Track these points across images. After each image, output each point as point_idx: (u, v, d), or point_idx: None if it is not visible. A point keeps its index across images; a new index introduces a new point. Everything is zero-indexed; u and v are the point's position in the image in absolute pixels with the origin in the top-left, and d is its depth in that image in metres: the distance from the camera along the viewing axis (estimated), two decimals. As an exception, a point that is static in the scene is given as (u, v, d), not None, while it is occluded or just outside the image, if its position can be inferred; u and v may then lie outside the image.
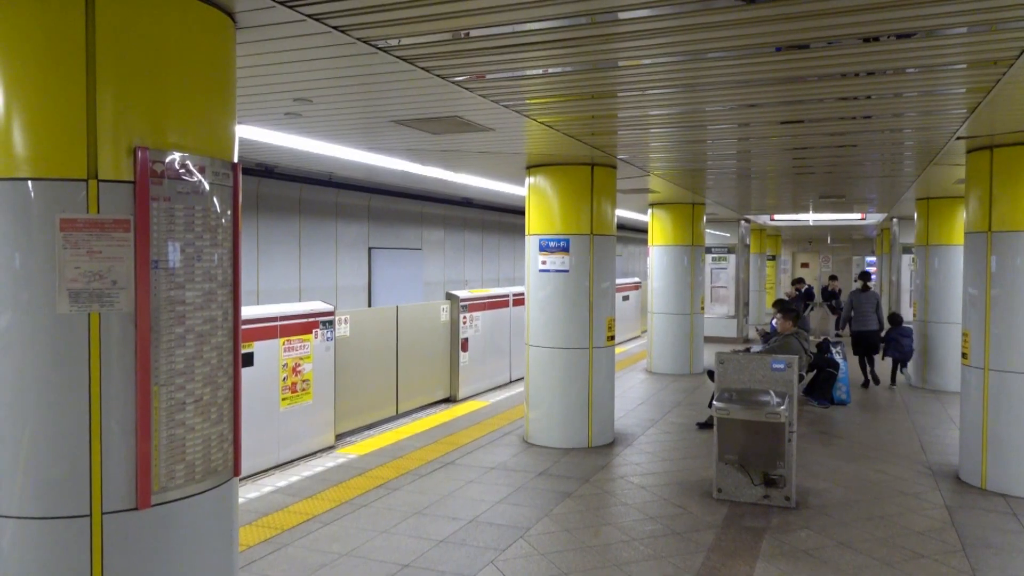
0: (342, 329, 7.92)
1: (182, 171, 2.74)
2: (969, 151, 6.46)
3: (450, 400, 9.96)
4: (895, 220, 15.41)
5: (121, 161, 2.63)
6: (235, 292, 2.99)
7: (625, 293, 16.75)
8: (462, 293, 10.31)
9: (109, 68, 2.62)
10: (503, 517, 5.36)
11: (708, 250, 16.39)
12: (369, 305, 12.23)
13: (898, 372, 11.44)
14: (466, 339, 10.14)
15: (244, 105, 4.98)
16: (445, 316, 9.97)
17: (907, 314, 14.38)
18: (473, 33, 3.52)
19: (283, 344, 6.98)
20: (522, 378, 7.78)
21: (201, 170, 2.81)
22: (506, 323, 11.20)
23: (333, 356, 7.60)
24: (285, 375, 7.02)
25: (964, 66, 4.01)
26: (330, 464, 6.66)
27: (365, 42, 3.60)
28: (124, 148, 2.63)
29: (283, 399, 7.01)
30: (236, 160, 3.10)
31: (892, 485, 6.23)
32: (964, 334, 6.47)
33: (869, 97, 4.80)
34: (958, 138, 6.05)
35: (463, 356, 10.05)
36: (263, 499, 5.71)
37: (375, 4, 3.11)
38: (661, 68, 4.17)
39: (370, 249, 12.50)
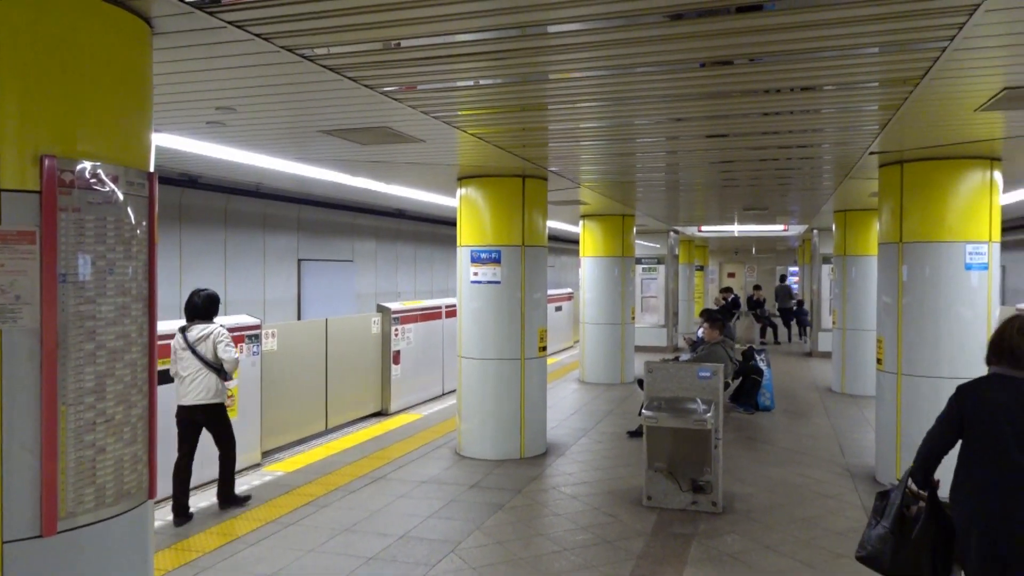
0: (269, 343, 7.73)
1: (93, 181, 2.63)
2: (881, 166, 6.76)
3: (382, 414, 9.83)
4: (815, 231, 16.00)
5: (26, 170, 2.50)
6: (151, 306, 2.88)
7: (558, 304, 16.88)
8: (394, 305, 10.20)
9: (12, 72, 2.50)
10: (434, 532, 5.31)
11: (638, 261, 16.68)
12: (299, 318, 11.98)
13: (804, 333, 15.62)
14: (398, 352, 10.03)
15: (163, 113, 4.83)
16: (376, 329, 9.85)
17: (826, 321, 14.94)
18: (404, 44, 3.51)
19: (207, 359, 6.76)
20: (455, 390, 7.73)
21: (114, 179, 2.70)
22: (439, 335, 11.13)
23: (259, 371, 7.40)
24: (209, 391, 6.79)
25: (876, 84, 4.20)
26: (256, 482, 6.48)
27: (290, 51, 3.54)
28: (29, 156, 2.51)
29: (207, 416, 6.78)
30: (152, 169, 2.99)
31: (814, 488, 6.43)
32: (879, 341, 6.75)
33: (792, 112, 4.97)
34: (871, 153, 6.33)
35: (395, 369, 9.94)
36: (185, 520, 5.51)
37: (299, 12, 3.06)
38: (591, 81, 4.23)
39: (300, 261, 12.26)
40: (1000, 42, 3.45)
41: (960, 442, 3.24)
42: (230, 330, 6.95)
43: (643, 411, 5.83)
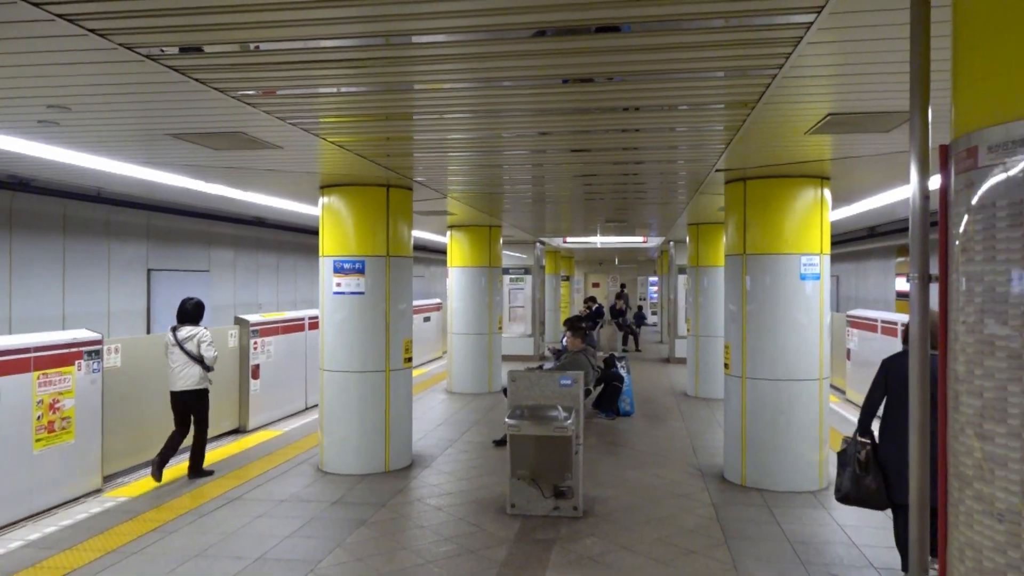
0: (112, 359, 7.21)
1: None
2: (727, 182, 7.21)
3: (239, 431, 9.39)
4: (672, 243, 16.83)
5: None
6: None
7: (426, 314, 16.80)
8: (252, 317, 9.79)
9: None
10: (293, 551, 5.12)
11: (506, 271, 16.91)
12: (148, 332, 11.26)
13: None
14: (257, 366, 9.63)
15: (-15, 109, 4.42)
16: (234, 342, 9.41)
17: (682, 329, 15.72)
18: (257, 47, 3.38)
19: (37, 378, 6.21)
20: (319, 404, 7.50)
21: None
22: (302, 348, 10.79)
23: (101, 389, 6.88)
24: (40, 413, 6.25)
25: (722, 106, 4.48)
26: (96, 509, 6.01)
27: (129, 49, 3.34)
28: None
29: (37, 440, 6.23)
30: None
31: (668, 488, 6.73)
32: (726, 347, 7.17)
33: (648, 130, 5.20)
34: (717, 170, 6.74)
35: (254, 384, 9.53)
36: (10, 556, 5.02)
37: (138, 9, 2.89)
38: (457, 93, 4.25)
39: (150, 271, 11.53)
40: (823, 72, 3.78)
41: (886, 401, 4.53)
42: (65, 345, 6.45)
43: (506, 419, 5.89)
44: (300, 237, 15.49)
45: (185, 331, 6.96)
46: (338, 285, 7.30)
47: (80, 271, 10.12)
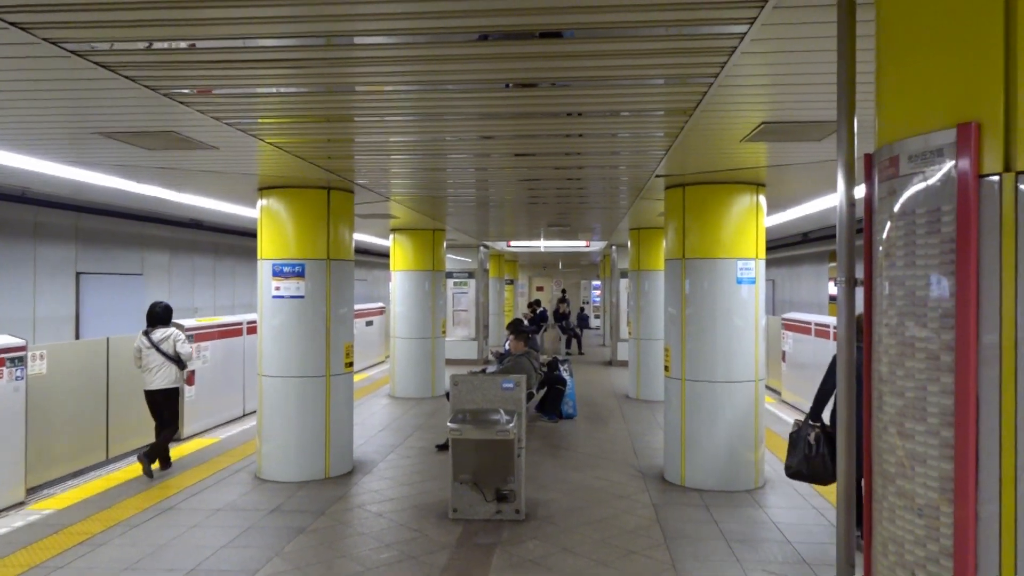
0: (37, 366, 6.92)
1: None
2: (667, 188, 7.33)
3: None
4: (614, 248, 17.04)
5: None
6: None
7: (369, 318, 16.62)
8: (188, 322, 9.51)
9: None
10: (228, 562, 4.99)
11: (449, 275, 16.86)
12: (77, 337, 10.85)
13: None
14: (192, 372, 9.37)
15: None
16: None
17: (624, 332, 15.92)
18: (193, 44, 3.29)
19: (-43, 386, 5.92)
20: (257, 411, 7.34)
21: None
22: (239, 353, 10.53)
23: (24, 398, 6.59)
24: (-41, 423, 5.95)
25: (662, 112, 4.56)
26: (18, 523, 5.75)
27: (54, 43, 3.21)
28: None
29: (-44, 451, 5.94)
30: None
31: (610, 490, 6.80)
32: (666, 349, 7.29)
33: (591, 135, 5.25)
34: (658, 176, 6.85)
35: (188, 390, 9.26)
36: (-76, 574, 4.77)
37: (62, 2, 2.79)
38: (399, 95, 4.22)
39: (78, 274, 11.12)
40: (757, 81, 3.88)
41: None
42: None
43: (448, 424, 5.87)
44: (239, 240, 15.15)
45: (159, 333, 7.33)
46: (277, 289, 7.16)
47: (3, 274, 9.70)
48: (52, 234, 10.53)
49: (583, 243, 16.75)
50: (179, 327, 9.31)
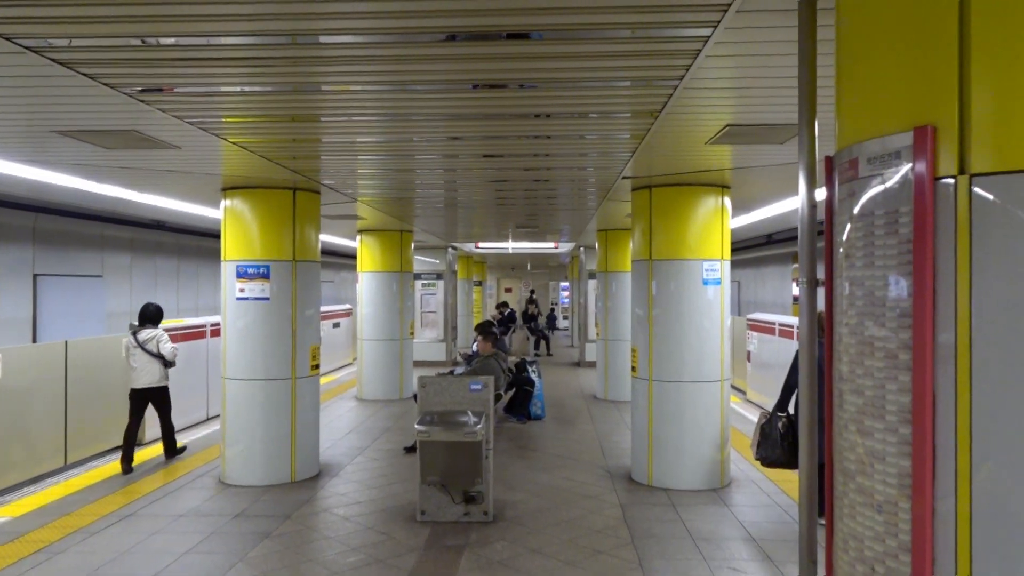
0: (-8, 370, 6.74)
1: None
2: (634, 189, 7.39)
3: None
4: (582, 249, 17.12)
5: None
6: None
7: (336, 320, 16.48)
8: (150, 324, 9.34)
9: None
10: (191, 569, 4.91)
11: (417, 276, 16.79)
12: (34, 340, 10.59)
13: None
14: (155, 375, 9.19)
15: None
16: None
17: (592, 333, 15.99)
18: (158, 41, 3.23)
19: (-93, 391, 5.74)
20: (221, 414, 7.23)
21: None
22: (203, 356, 10.37)
23: (-21, 402, 6.42)
24: (-91, 429, 5.77)
25: (629, 114, 4.59)
26: (-28, 532, 5.60)
27: (8, 39, 3.13)
28: None
29: (-94, 458, 5.75)
30: None
31: (577, 490, 6.82)
32: (633, 350, 7.34)
33: (559, 136, 5.26)
34: (624, 177, 6.90)
35: (151, 394, 9.09)
36: None
37: (16, -4, 2.72)
38: (366, 95, 4.19)
39: (36, 276, 10.85)
40: (722, 84, 3.92)
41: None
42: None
43: (416, 425, 5.84)
44: (203, 241, 14.92)
45: (145, 333, 7.69)
46: (241, 290, 7.06)
47: (-44, 276, 9.43)
48: (8, 235, 10.27)
49: (551, 244, 16.80)
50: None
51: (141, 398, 7.68)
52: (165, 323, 9.81)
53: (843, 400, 2.00)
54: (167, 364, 7.74)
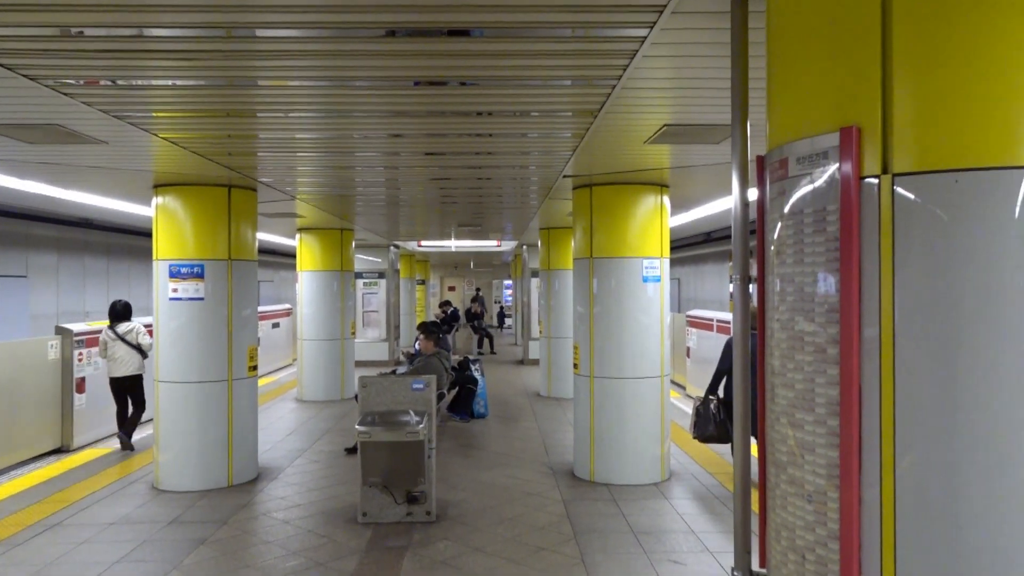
0: (-95, 376, 6.39)
1: None
2: (575, 188, 7.44)
3: (62, 451, 8.60)
4: (525, 247, 17.18)
5: None
6: None
7: (275, 320, 16.16)
8: (77, 326, 8.99)
9: None
10: (123, 578, 4.74)
11: (359, 275, 16.58)
12: (-48, 344, 10.06)
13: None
14: (83, 379, 8.86)
15: None
16: (55, 353, 8.60)
17: (536, 331, 16.07)
18: (81, 32, 3.10)
19: None
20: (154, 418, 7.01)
21: None
22: (136, 358, 10.03)
23: None
24: None
25: (570, 113, 4.61)
26: None
27: (-83, 27, 2.97)
28: None
29: None
30: None
31: (521, 487, 6.84)
32: (575, 347, 7.40)
33: (500, 135, 5.26)
34: (565, 176, 6.94)
35: (79, 398, 8.75)
36: None
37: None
38: (305, 91, 4.11)
39: (-47, 276, 10.33)
40: (659, 84, 3.98)
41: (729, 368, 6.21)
42: None
43: (356, 426, 5.77)
44: (135, 240, 14.43)
45: (123, 326, 8.41)
46: (174, 291, 6.85)
47: None
48: (-78, 233, 9.75)
49: (494, 243, 16.81)
50: (66, 332, 8.84)
51: (121, 386, 8.39)
52: (93, 324, 9.48)
53: (775, 394, 2.05)
54: (144, 355, 8.43)
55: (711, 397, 6.41)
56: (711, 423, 6.27)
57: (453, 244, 16.51)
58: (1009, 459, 1.61)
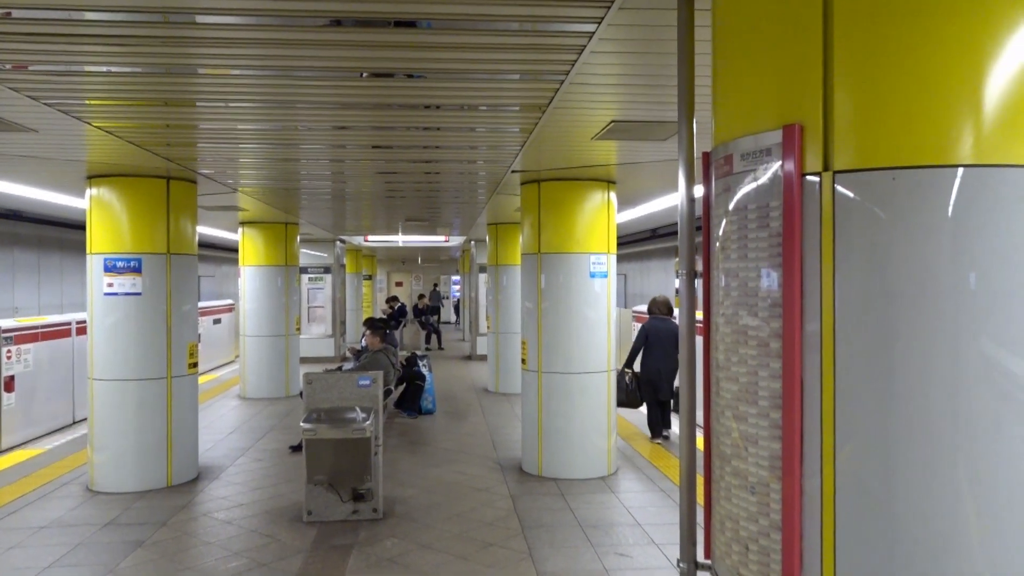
0: None
1: None
2: (523, 183, 7.44)
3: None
4: (473, 242, 17.13)
5: None
6: None
7: (217, 316, 15.79)
8: (6, 322, 8.64)
9: None
10: (55, 584, 4.57)
11: (304, 270, 16.31)
12: None
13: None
14: (11, 377, 8.51)
15: None
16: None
17: (484, 326, 16.06)
18: (8, 13, 2.95)
19: None
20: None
21: None
22: (68, 355, 9.69)
23: None
24: None
25: (518, 108, 4.60)
26: None
27: None
28: None
29: None
30: None
31: (468, 483, 6.83)
32: (523, 343, 7.41)
33: (448, 129, 5.22)
34: (514, 171, 6.94)
35: (8, 398, 8.41)
36: None
37: None
38: (247, 80, 4.00)
39: None
40: (607, 80, 4.00)
41: (644, 347, 8.17)
42: None
43: (301, 424, 5.67)
44: (68, 233, 13.90)
45: None
46: (110, 285, 6.62)
47: None
48: None
49: (442, 238, 16.72)
50: (-5, 328, 8.48)
51: None
52: (23, 321, 9.12)
53: (719, 387, 2.08)
54: None
55: (627, 371, 7.81)
56: (623, 392, 7.61)
57: (401, 239, 16.37)
58: (941, 449, 1.67)
